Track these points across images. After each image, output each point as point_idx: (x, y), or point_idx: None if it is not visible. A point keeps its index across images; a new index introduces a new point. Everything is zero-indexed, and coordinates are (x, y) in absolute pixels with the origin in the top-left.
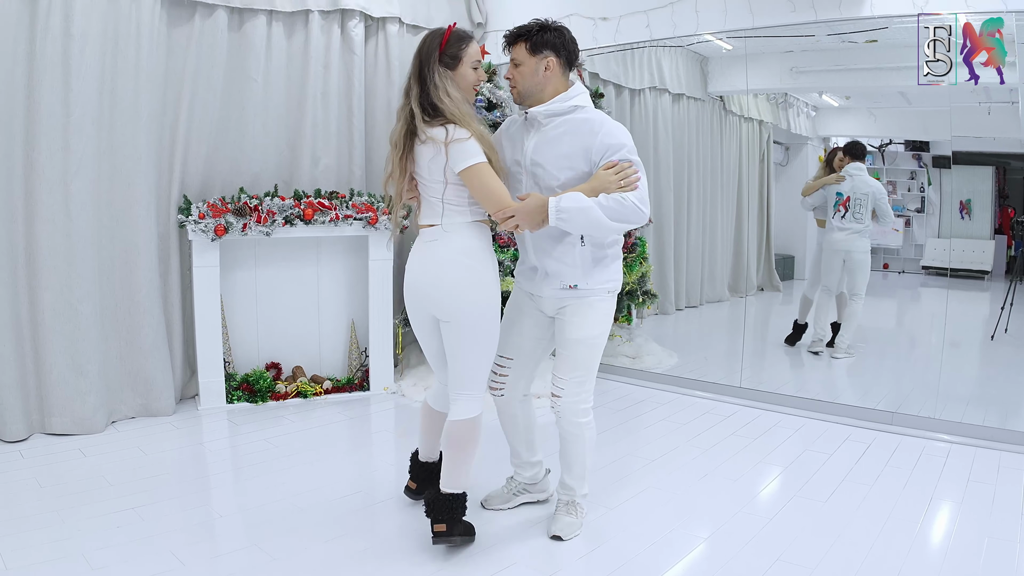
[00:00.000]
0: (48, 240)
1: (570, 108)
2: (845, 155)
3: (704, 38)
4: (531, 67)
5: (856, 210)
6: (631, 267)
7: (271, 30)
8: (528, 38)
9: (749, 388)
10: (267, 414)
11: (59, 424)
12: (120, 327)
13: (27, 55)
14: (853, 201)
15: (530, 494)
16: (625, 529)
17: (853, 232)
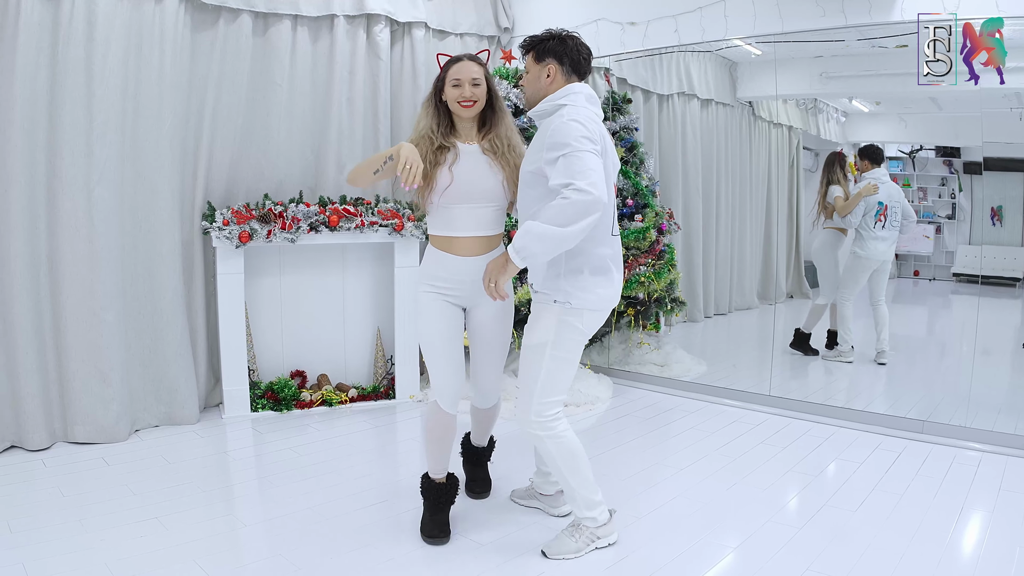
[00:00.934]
0: (71, 247)
1: (554, 108)
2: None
3: (733, 43)
4: (535, 74)
5: (893, 219)
6: (659, 274)
7: (296, 35)
8: (533, 47)
9: (778, 396)
10: (292, 423)
11: (82, 433)
12: (143, 335)
13: (50, 61)
14: (890, 209)
15: (539, 503)
16: (654, 538)
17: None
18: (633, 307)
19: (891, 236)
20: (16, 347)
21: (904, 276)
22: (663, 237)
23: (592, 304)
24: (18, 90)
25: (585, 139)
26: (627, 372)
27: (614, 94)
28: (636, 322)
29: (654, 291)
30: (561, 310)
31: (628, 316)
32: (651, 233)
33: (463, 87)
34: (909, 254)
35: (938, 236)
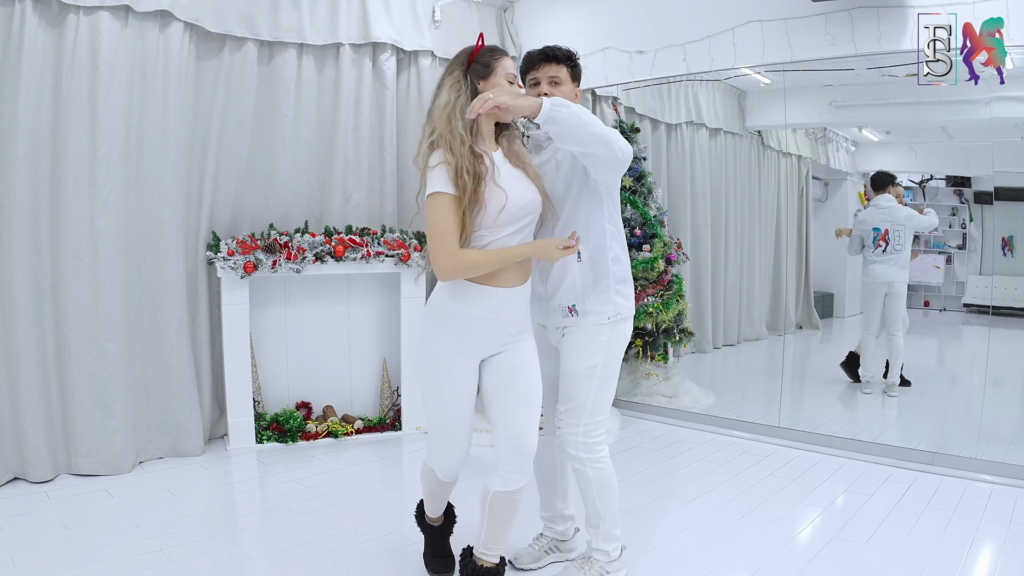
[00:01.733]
0: (74, 277)
1: None
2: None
3: (742, 72)
4: (569, 90)
5: (896, 242)
6: (667, 304)
7: (301, 64)
8: (571, 64)
9: (788, 428)
10: (297, 454)
11: (85, 464)
12: (148, 366)
13: (53, 89)
14: (892, 233)
15: (560, 552)
16: (662, 571)
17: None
18: (641, 338)
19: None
20: (19, 378)
21: (914, 307)
22: (671, 267)
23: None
24: (21, 119)
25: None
26: (635, 403)
27: (622, 123)
28: (644, 353)
29: (662, 322)
30: (611, 327)
31: (636, 347)
32: (659, 263)
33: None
34: (919, 284)
35: (948, 266)
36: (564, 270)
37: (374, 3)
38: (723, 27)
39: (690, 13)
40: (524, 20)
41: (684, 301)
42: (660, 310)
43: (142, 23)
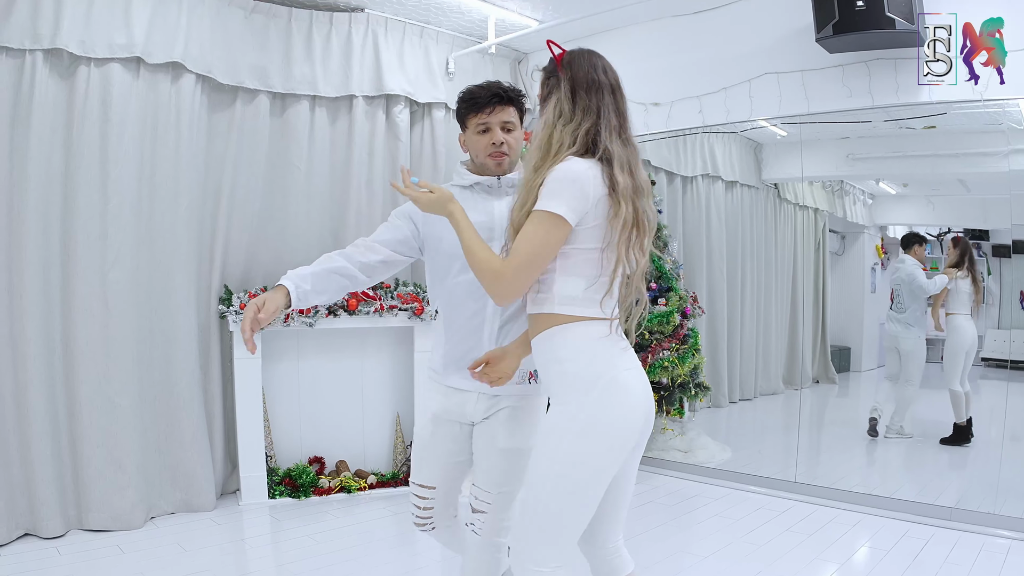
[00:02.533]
0: (85, 331)
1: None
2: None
3: (758, 124)
4: (520, 135)
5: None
6: (683, 358)
7: (314, 115)
8: (518, 104)
9: (804, 483)
10: (310, 510)
11: (97, 520)
12: (159, 420)
13: (64, 142)
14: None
15: None
16: None
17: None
18: (656, 392)
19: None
20: (30, 433)
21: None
22: (687, 321)
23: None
24: (32, 172)
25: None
26: (650, 458)
27: None
28: (660, 407)
29: (678, 376)
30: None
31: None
32: (675, 317)
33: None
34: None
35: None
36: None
37: (387, 55)
38: (739, 79)
39: (706, 65)
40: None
41: (700, 355)
42: (676, 364)
43: (153, 75)
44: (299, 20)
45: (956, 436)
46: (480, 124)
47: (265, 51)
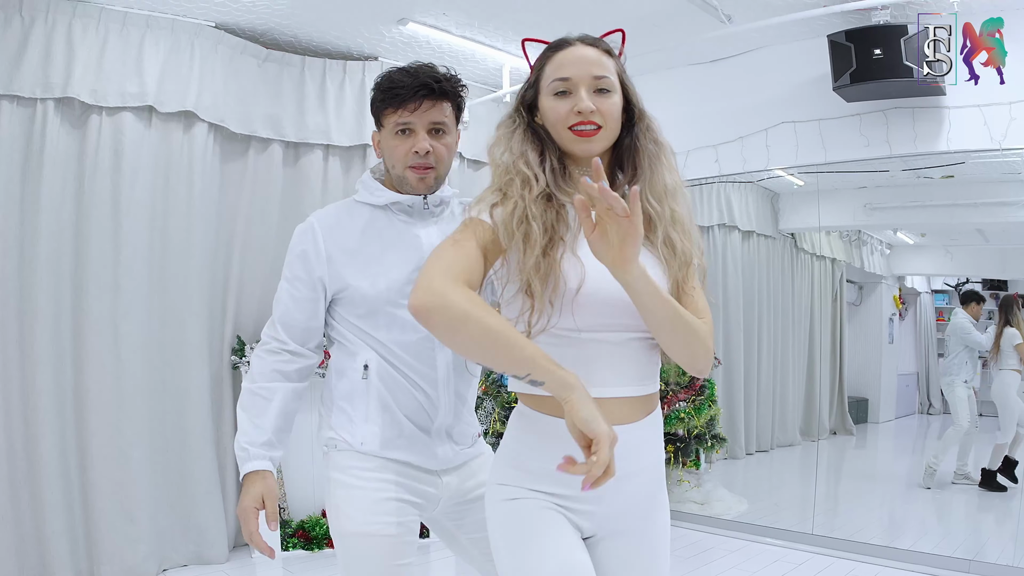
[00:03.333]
0: (97, 383)
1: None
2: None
3: (775, 173)
4: (456, 139)
5: (946, 349)
6: (699, 410)
7: (327, 164)
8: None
9: (822, 535)
10: (324, 562)
11: (108, 573)
12: (171, 472)
13: (75, 193)
14: (946, 341)
15: None
16: None
17: (945, 372)
18: (672, 444)
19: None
20: (41, 484)
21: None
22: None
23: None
24: (43, 221)
25: None
26: None
27: None
28: (676, 459)
29: (694, 427)
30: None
31: (668, 453)
32: None
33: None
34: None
35: (985, 371)
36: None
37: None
38: (756, 128)
39: (723, 114)
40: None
41: (716, 406)
42: (692, 415)
43: (166, 124)
44: (312, 69)
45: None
46: (399, 124)
47: (278, 100)
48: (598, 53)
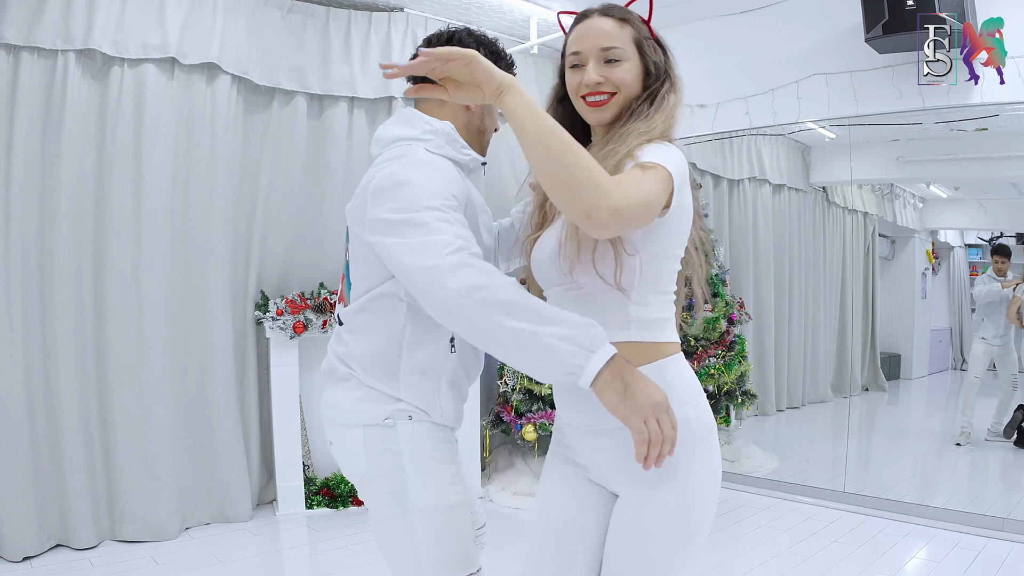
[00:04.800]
0: (119, 338)
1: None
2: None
3: (806, 126)
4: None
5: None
6: (729, 366)
7: (352, 117)
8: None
9: (854, 493)
10: (348, 520)
11: (130, 530)
12: (194, 428)
13: (97, 145)
14: None
15: None
16: None
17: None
18: None
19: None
20: (62, 442)
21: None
22: (733, 327)
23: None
24: (64, 174)
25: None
26: None
27: None
28: None
29: (724, 383)
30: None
31: None
32: (721, 323)
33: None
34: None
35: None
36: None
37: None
38: (787, 80)
39: (753, 66)
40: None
41: (747, 362)
42: (722, 371)
43: (188, 76)
44: (337, 20)
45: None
46: None
47: (302, 52)
48: (613, 23)
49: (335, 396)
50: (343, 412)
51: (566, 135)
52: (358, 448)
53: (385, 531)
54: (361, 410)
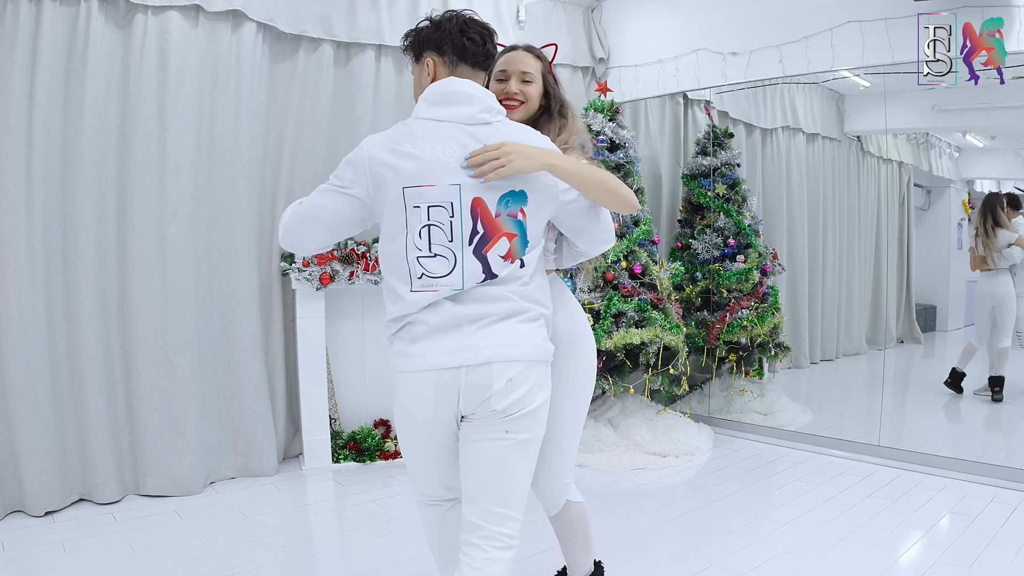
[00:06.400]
0: (143, 289)
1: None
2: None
3: (840, 74)
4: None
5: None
6: (762, 318)
7: (380, 66)
8: (410, 46)
9: (888, 447)
10: (375, 474)
11: (154, 485)
12: (219, 382)
13: (120, 93)
14: None
15: None
16: None
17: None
18: (735, 352)
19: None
20: (85, 395)
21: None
22: (766, 279)
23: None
24: (87, 124)
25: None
26: (728, 421)
27: (715, 128)
28: (738, 368)
29: (757, 336)
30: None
31: (730, 362)
32: (754, 274)
33: (509, 82)
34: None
35: None
36: None
37: (456, 3)
38: (821, 27)
39: (787, 13)
40: (612, 20)
41: (780, 314)
42: (755, 323)
43: (213, 23)
44: None
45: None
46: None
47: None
48: (531, 57)
49: (527, 335)
50: (536, 348)
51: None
52: (545, 381)
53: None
54: (548, 348)
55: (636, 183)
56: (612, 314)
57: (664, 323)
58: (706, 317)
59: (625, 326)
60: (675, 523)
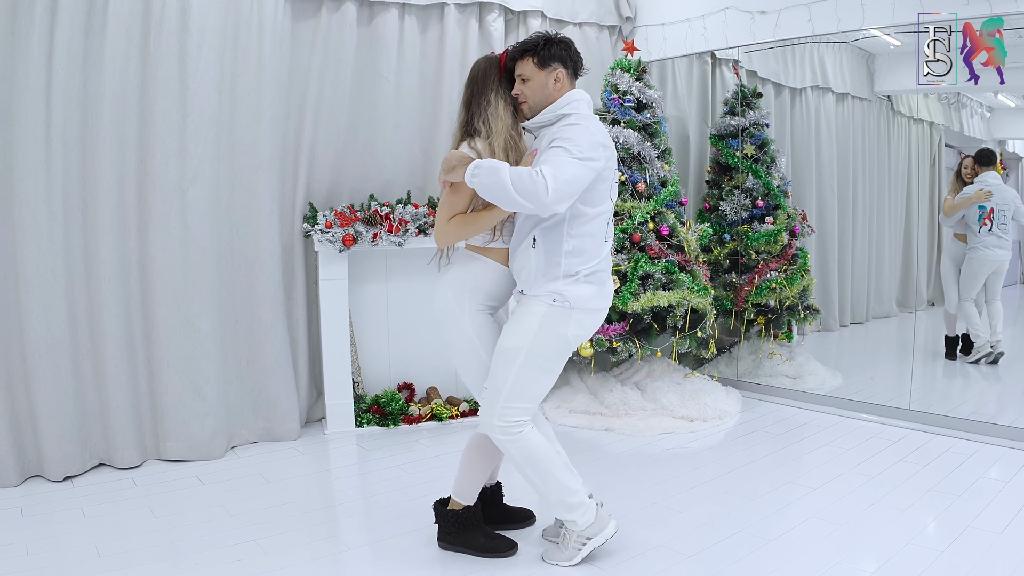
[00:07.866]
0: (163, 251)
1: (556, 118)
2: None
3: (870, 33)
4: (540, 81)
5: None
6: (791, 280)
7: (403, 24)
8: (536, 52)
9: (919, 411)
10: (399, 438)
11: (175, 449)
12: (240, 345)
13: (140, 52)
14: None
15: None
16: (785, 563)
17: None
18: (764, 315)
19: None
20: (105, 358)
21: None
22: (795, 240)
23: (585, 304)
24: (107, 84)
25: (589, 153)
26: (757, 384)
27: (743, 88)
28: (767, 331)
29: (786, 298)
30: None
31: (758, 325)
32: (783, 236)
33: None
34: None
35: None
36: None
37: None
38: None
39: None
40: None
41: (809, 276)
42: (783, 286)
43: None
44: None
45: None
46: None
47: None
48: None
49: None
50: None
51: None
52: None
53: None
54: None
55: (664, 143)
56: (639, 276)
57: (692, 285)
58: (734, 279)
59: (652, 288)
60: (703, 488)
